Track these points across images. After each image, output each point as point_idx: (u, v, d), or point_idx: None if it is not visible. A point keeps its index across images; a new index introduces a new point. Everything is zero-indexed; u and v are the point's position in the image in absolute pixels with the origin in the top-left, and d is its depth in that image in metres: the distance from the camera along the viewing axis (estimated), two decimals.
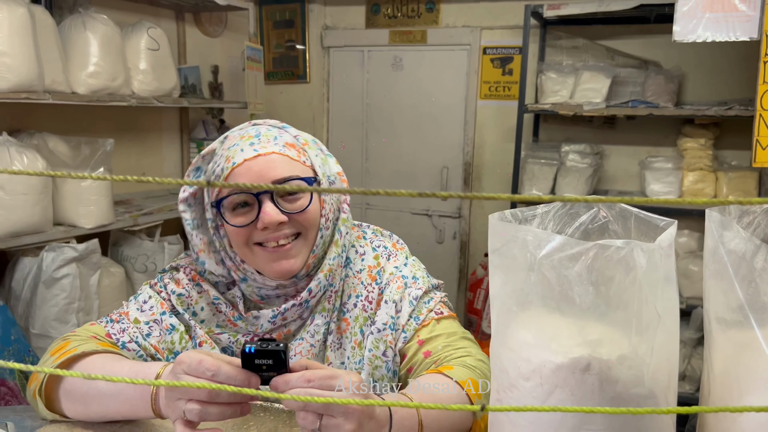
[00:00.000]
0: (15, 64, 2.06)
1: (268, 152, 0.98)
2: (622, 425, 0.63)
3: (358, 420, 0.72)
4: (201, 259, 1.05)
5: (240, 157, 0.97)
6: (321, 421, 0.72)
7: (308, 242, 1.01)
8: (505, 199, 0.46)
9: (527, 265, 0.63)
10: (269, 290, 1.04)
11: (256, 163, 0.97)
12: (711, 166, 2.95)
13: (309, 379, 0.73)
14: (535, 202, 0.69)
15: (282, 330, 1.04)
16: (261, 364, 0.74)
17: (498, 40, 3.52)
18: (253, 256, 1.00)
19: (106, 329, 1.03)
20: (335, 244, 1.05)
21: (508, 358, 0.67)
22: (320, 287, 1.03)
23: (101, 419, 0.91)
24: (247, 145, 0.98)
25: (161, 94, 2.79)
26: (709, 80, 3.13)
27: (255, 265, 1.01)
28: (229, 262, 1.04)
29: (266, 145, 0.99)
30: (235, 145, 0.99)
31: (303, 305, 1.02)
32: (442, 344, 1.02)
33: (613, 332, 0.63)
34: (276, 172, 0.97)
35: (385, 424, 0.77)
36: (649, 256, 0.63)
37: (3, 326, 1.85)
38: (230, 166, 0.97)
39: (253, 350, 0.74)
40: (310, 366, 0.77)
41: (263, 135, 1.00)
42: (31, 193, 2.16)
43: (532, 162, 3.12)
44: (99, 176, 0.46)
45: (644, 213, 0.76)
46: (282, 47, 3.95)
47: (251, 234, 0.98)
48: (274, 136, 1.01)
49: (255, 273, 1.02)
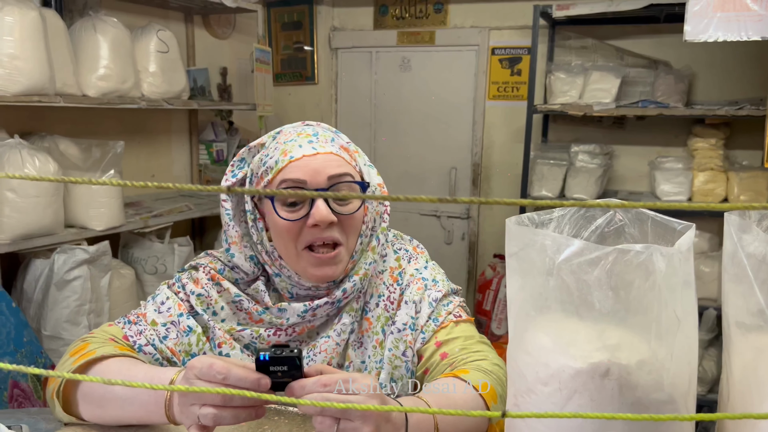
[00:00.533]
0: (27, 68, 2.07)
1: (326, 152, 1.00)
2: (642, 430, 0.63)
3: (375, 423, 0.72)
4: (232, 251, 1.05)
5: (299, 153, 0.99)
6: (338, 425, 0.72)
7: (349, 249, 1.03)
8: (526, 204, 0.46)
9: (546, 269, 0.63)
10: (301, 289, 1.05)
11: (314, 160, 0.99)
12: (722, 167, 2.94)
13: (325, 383, 0.73)
14: (549, 207, 0.68)
15: (307, 325, 1.04)
16: (276, 371, 0.74)
17: (506, 41, 3.52)
18: (298, 257, 1.00)
19: (123, 331, 1.03)
20: (372, 250, 1.07)
21: (526, 363, 0.67)
22: (354, 290, 1.04)
23: (117, 423, 0.92)
24: (305, 142, 1.01)
25: (170, 96, 2.80)
26: (719, 80, 3.11)
27: (296, 266, 1.02)
28: (264, 256, 1.04)
29: (324, 144, 1.01)
30: (293, 141, 1.01)
31: (335, 304, 1.03)
32: (459, 347, 1.03)
33: (632, 337, 0.63)
34: (331, 170, 0.99)
35: (401, 427, 0.77)
36: (668, 261, 0.62)
37: (16, 328, 1.87)
38: (287, 159, 0.99)
39: (267, 358, 0.74)
40: (324, 371, 0.77)
41: (321, 135, 1.03)
42: (42, 195, 2.18)
43: (542, 163, 3.11)
44: (115, 181, 0.46)
45: (661, 216, 0.75)
46: (290, 49, 3.96)
47: (300, 233, 0.99)
48: (331, 138, 1.04)
49: (291, 271, 1.03)
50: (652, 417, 0.49)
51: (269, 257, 1.04)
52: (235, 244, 1.05)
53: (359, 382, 0.74)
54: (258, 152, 1.07)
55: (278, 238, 1.01)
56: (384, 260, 1.12)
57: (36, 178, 0.46)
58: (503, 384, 0.97)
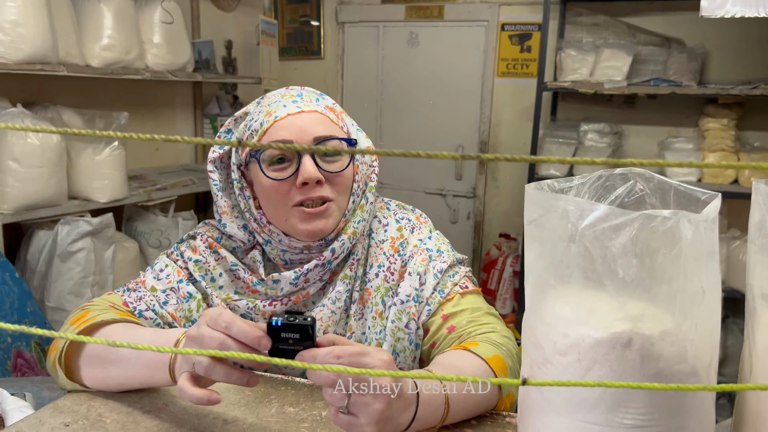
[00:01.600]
0: (29, 35, 2.04)
1: (311, 110, 0.99)
2: (663, 403, 0.61)
3: (387, 399, 0.70)
4: (223, 221, 1.05)
5: (283, 112, 0.98)
6: (349, 399, 0.70)
7: (341, 207, 1.02)
8: (556, 161, 0.44)
9: (567, 236, 0.61)
10: (294, 254, 1.03)
11: (299, 119, 0.98)
12: (733, 147, 2.90)
13: (338, 355, 0.71)
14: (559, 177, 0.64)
15: (301, 293, 1.03)
16: (287, 337, 0.72)
17: (517, 16, 3.45)
18: (288, 215, 0.99)
19: (123, 298, 1.02)
20: (361, 209, 1.06)
21: (544, 333, 0.65)
22: (344, 248, 1.02)
23: (119, 386, 0.90)
24: (290, 102, 1.00)
25: (175, 68, 2.77)
26: (733, 59, 3.06)
27: (286, 225, 1.00)
28: (253, 224, 1.03)
29: (309, 104, 1.00)
30: (277, 102, 1.01)
31: (325, 266, 1.02)
32: (467, 319, 1.01)
33: (655, 307, 0.60)
34: (317, 129, 0.98)
35: (413, 402, 0.75)
36: (695, 229, 0.60)
37: (19, 298, 1.85)
38: (272, 119, 0.98)
39: (280, 323, 0.72)
40: (337, 341, 0.75)
41: (305, 95, 1.03)
42: (46, 165, 2.15)
43: (550, 141, 3.08)
44: (120, 134, 0.43)
45: (684, 186, 0.73)
46: (296, 22, 3.90)
47: (289, 192, 0.98)
48: (315, 98, 1.03)
49: (281, 234, 1.02)
50: (680, 387, 0.47)
51: (258, 224, 1.03)
52: (226, 214, 1.05)
53: (373, 356, 0.72)
54: (242, 122, 1.07)
55: (267, 201, 1.00)
56: (385, 230, 1.09)
57: (41, 130, 0.44)
58: (513, 356, 0.95)
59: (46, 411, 0.85)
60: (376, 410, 0.70)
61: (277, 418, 0.86)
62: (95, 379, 0.90)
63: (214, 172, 1.05)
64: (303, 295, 1.03)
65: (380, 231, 1.09)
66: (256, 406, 0.90)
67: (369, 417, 0.70)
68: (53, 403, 0.87)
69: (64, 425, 0.82)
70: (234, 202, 1.05)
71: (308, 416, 0.87)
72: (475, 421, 0.88)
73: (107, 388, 0.91)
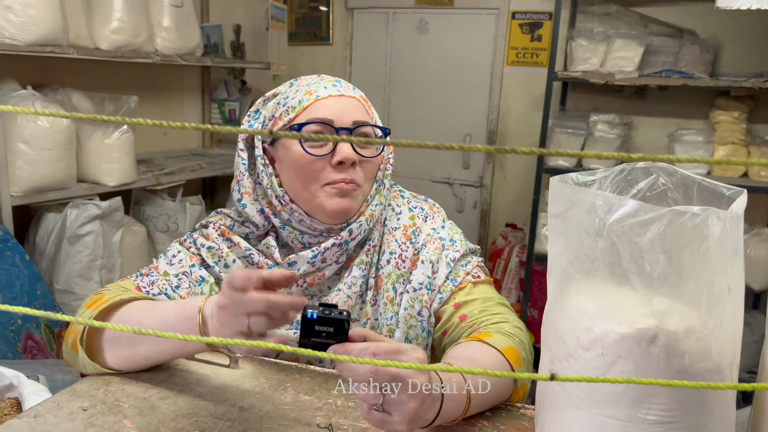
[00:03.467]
0: (40, 17, 2.03)
1: (350, 95, 1.03)
2: (687, 400, 0.61)
3: (422, 398, 0.70)
4: (244, 201, 1.05)
5: (325, 92, 1.01)
6: (384, 397, 0.70)
7: (365, 192, 1.04)
8: (574, 155, 0.43)
9: (594, 230, 0.60)
10: (312, 236, 1.04)
11: (340, 101, 1.01)
12: (743, 141, 2.88)
13: (374, 352, 0.70)
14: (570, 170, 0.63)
15: (317, 275, 1.03)
16: (321, 330, 0.72)
17: (527, 5, 3.42)
18: (316, 192, 1.00)
19: (135, 282, 1.02)
20: (378, 194, 1.08)
21: (566, 327, 0.65)
22: (361, 230, 1.03)
23: (147, 362, 0.91)
24: (330, 85, 1.03)
25: (184, 52, 2.75)
26: (746, 51, 3.03)
27: (312, 204, 1.01)
28: (275, 201, 1.03)
29: (347, 90, 1.04)
30: (316, 83, 1.03)
31: (342, 246, 1.02)
32: (479, 309, 1.01)
33: (681, 303, 0.60)
34: (356, 114, 1.02)
35: (438, 399, 0.75)
36: (723, 225, 0.59)
37: (29, 280, 1.86)
38: (314, 98, 1.00)
39: (315, 316, 0.72)
40: (368, 336, 0.75)
41: (344, 83, 1.06)
42: (55, 148, 2.15)
43: (559, 131, 3.06)
44: (158, 122, 0.43)
45: (709, 181, 0.72)
46: (305, 8, 3.87)
47: (323, 171, 0.99)
48: (352, 87, 1.07)
49: (303, 214, 1.02)
50: (709, 385, 0.46)
51: (279, 202, 1.03)
52: (248, 194, 1.05)
53: (409, 354, 0.72)
54: (270, 102, 1.08)
55: (297, 176, 1.00)
56: (398, 218, 1.10)
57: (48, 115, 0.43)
58: (525, 347, 0.95)
59: (63, 395, 0.85)
60: (410, 409, 0.70)
61: (293, 406, 0.87)
62: (121, 358, 0.90)
63: (245, 151, 1.06)
64: (319, 277, 1.03)
65: (393, 218, 1.10)
66: (271, 393, 0.90)
67: (403, 415, 0.70)
68: (70, 387, 0.87)
69: (82, 409, 0.82)
70: (254, 184, 1.06)
71: (323, 404, 0.88)
72: (490, 413, 0.88)
73: (134, 365, 0.91)
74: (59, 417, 0.80)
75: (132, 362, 0.90)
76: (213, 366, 0.96)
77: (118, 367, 0.91)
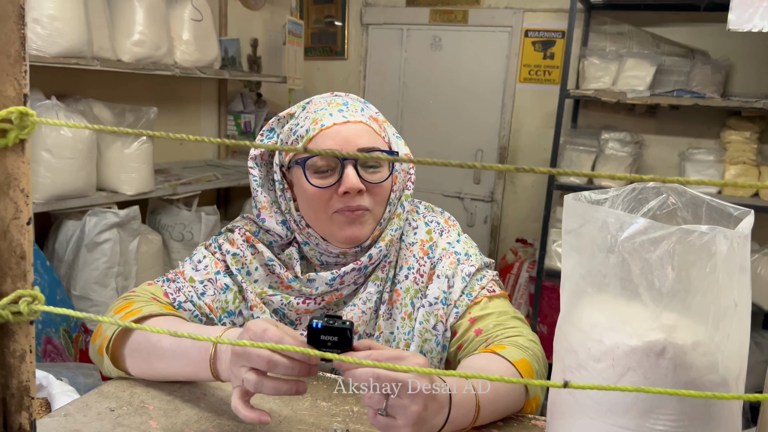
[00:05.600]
0: (66, 30, 2.09)
1: (356, 120, 1.01)
2: (694, 411, 0.63)
3: (424, 402, 0.73)
4: (262, 216, 1.07)
5: (329, 121, 1.00)
6: (387, 401, 0.73)
7: (376, 217, 1.04)
8: (592, 174, 0.46)
9: (606, 246, 0.63)
10: (330, 257, 1.06)
11: (344, 129, 1.00)
12: (755, 161, 2.89)
13: (376, 359, 0.73)
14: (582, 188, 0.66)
15: (335, 294, 1.05)
16: (326, 340, 0.75)
17: (541, 23, 3.47)
18: (327, 221, 1.01)
19: (163, 288, 1.05)
20: (398, 217, 1.08)
21: (578, 340, 0.67)
22: (380, 255, 1.05)
23: (163, 378, 0.94)
24: (336, 111, 1.01)
25: (203, 65, 2.81)
26: (757, 72, 3.05)
27: (324, 231, 1.03)
28: (293, 225, 1.06)
29: (354, 114, 1.02)
30: (323, 110, 1.02)
31: (361, 270, 1.04)
32: (494, 323, 1.03)
33: (689, 318, 0.63)
34: (362, 141, 1.00)
35: (446, 405, 0.78)
36: (730, 244, 0.62)
37: (49, 286, 1.90)
38: (318, 128, 1.00)
39: (320, 326, 0.75)
40: (373, 346, 0.77)
41: (351, 105, 1.04)
42: (77, 157, 2.20)
43: (571, 149, 3.09)
44: (202, 137, 0.46)
45: (717, 201, 0.75)
46: (321, 23, 3.94)
47: (330, 200, 1.00)
48: (360, 108, 1.04)
49: (319, 239, 1.04)
50: (715, 395, 0.49)
51: (297, 226, 1.05)
52: (265, 209, 1.07)
53: (410, 360, 0.75)
54: (287, 122, 1.09)
55: (308, 206, 1.02)
56: (415, 232, 1.12)
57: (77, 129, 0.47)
58: (539, 360, 0.97)
59: (91, 396, 0.89)
60: (413, 412, 0.72)
61: (311, 412, 0.90)
62: (140, 370, 0.93)
63: (255, 169, 1.07)
64: (336, 296, 1.06)
65: (410, 234, 1.12)
66: (290, 399, 0.93)
67: (406, 419, 0.72)
68: (98, 389, 0.91)
69: (110, 410, 0.85)
70: (273, 198, 1.08)
71: (340, 411, 0.90)
72: (501, 422, 0.91)
73: (152, 378, 0.94)
74: (88, 416, 0.83)
75: (150, 375, 0.94)
76: None
77: (138, 377, 0.95)
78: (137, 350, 0.93)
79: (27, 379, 0.55)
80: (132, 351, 0.93)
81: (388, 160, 0.46)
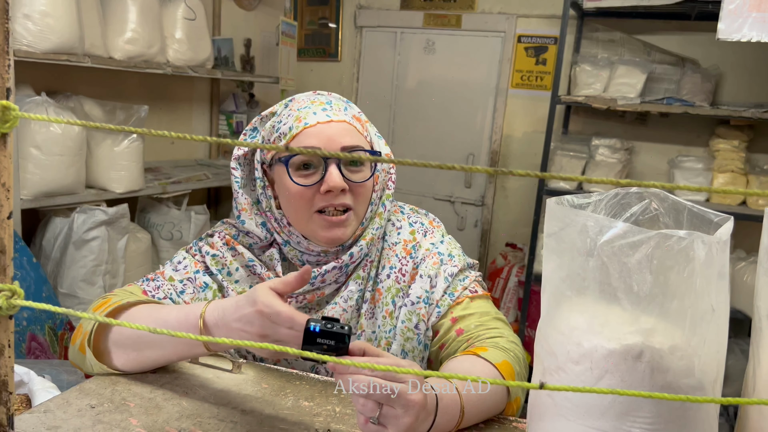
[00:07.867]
0: (58, 26, 2.08)
1: (340, 120, 1.02)
2: (670, 414, 0.64)
3: (416, 413, 0.73)
4: (242, 218, 1.07)
5: (313, 119, 1.00)
6: (381, 410, 0.73)
7: (359, 216, 1.05)
8: (581, 179, 0.47)
9: (586, 250, 0.64)
10: (311, 256, 1.07)
11: (328, 128, 1.00)
12: (743, 169, 2.92)
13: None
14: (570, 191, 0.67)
15: (316, 293, 1.06)
16: (322, 343, 0.75)
17: (533, 29, 3.49)
18: (309, 221, 1.02)
19: (141, 287, 1.05)
20: (379, 216, 1.09)
21: (558, 342, 0.68)
22: (361, 254, 1.06)
23: (153, 364, 0.94)
24: (319, 110, 1.02)
25: (195, 64, 2.81)
26: (746, 81, 3.08)
27: (306, 229, 1.03)
28: (273, 224, 1.06)
29: (338, 113, 1.02)
30: (306, 108, 1.03)
31: (342, 269, 1.05)
32: (475, 323, 1.03)
33: (666, 322, 0.63)
34: (345, 140, 1.01)
35: (432, 411, 0.78)
36: (708, 249, 0.63)
37: (35, 283, 1.89)
38: (302, 125, 1.00)
39: (318, 329, 0.75)
40: (367, 350, 0.77)
41: (334, 104, 1.04)
42: (66, 154, 2.19)
43: (561, 154, 3.10)
44: (195, 137, 0.47)
45: (698, 207, 0.76)
46: (315, 24, 3.95)
47: (313, 198, 1.00)
48: (344, 107, 1.05)
49: (300, 237, 1.05)
50: (689, 398, 0.50)
51: (278, 224, 1.06)
52: (245, 210, 1.07)
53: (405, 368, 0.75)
54: (269, 121, 1.09)
55: (289, 204, 1.03)
56: (398, 232, 1.12)
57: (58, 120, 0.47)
58: (520, 362, 0.98)
59: (72, 392, 0.89)
60: (405, 423, 0.73)
61: (293, 411, 0.90)
62: (128, 360, 0.93)
63: (237, 169, 1.07)
64: (318, 295, 1.06)
65: (393, 234, 1.12)
66: (272, 398, 0.93)
67: (398, 429, 0.73)
68: (79, 386, 0.90)
69: (90, 407, 0.85)
70: (254, 199, 1.08)
71: (322, 411, 0.91)
72: (483, 425, 0.91)
73: (140, 366, 0.94)
74: (68, 413, 0.83)
75: (138, 363, 0.94)
76: (216, 370, 0.99)
77: (125, 368, 0.94)
78: (122, 340, 0.92)
79: (5, 373, 0.55)
80: (116, 342, 0.93)
81: (374, 160, 0.46)
